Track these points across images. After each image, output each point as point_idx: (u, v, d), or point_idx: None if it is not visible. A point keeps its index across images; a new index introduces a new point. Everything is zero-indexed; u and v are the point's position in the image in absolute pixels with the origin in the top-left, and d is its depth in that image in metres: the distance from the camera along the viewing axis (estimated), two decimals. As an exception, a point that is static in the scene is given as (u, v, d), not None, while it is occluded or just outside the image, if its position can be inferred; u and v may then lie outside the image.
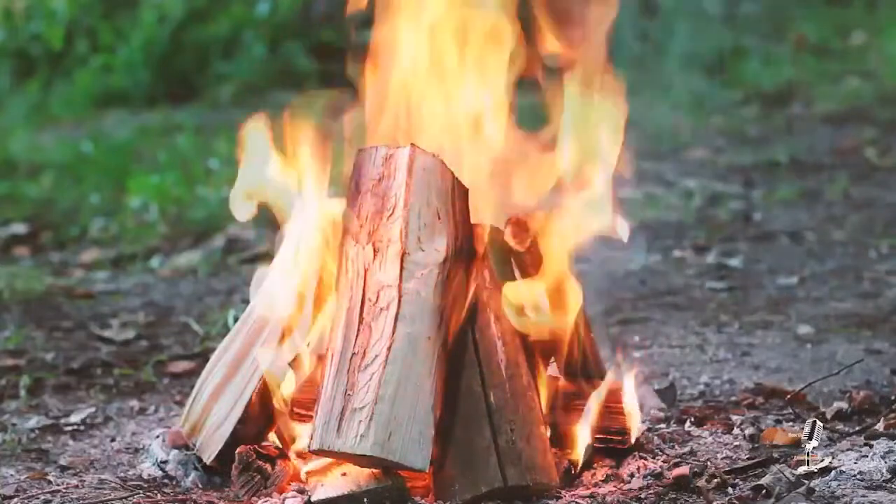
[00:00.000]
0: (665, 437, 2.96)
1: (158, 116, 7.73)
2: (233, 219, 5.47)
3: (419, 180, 2.68)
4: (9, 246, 5.37)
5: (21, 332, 4.12)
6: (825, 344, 3.79)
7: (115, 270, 4.99)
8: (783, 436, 2.94)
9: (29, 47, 8.54)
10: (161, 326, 4.22)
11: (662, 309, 4.18)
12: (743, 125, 6.99)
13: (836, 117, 7.07)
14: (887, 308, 4.12)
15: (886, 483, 2.64)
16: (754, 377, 3.50)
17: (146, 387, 3.64)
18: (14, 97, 8.20)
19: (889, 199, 5.56)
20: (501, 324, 2.73)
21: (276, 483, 2.72)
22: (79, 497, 2.79)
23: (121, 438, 3.24)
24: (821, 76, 7.92)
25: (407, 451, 2.57)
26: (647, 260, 4.73)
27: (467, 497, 2.64)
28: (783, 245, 4.98)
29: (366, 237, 2.68)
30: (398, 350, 2.60)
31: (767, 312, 4.11)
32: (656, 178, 5.87)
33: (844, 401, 3.22)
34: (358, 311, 2.64)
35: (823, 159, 6.26)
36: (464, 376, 2.68)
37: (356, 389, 2.58)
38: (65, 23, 8.50)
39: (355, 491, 2.62)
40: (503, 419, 2.67)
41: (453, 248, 2.67)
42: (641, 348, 3.78)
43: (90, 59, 8.38)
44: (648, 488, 2.70)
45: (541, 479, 2.67)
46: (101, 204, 5.85)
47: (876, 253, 4.80)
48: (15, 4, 8.63)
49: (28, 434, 3.27)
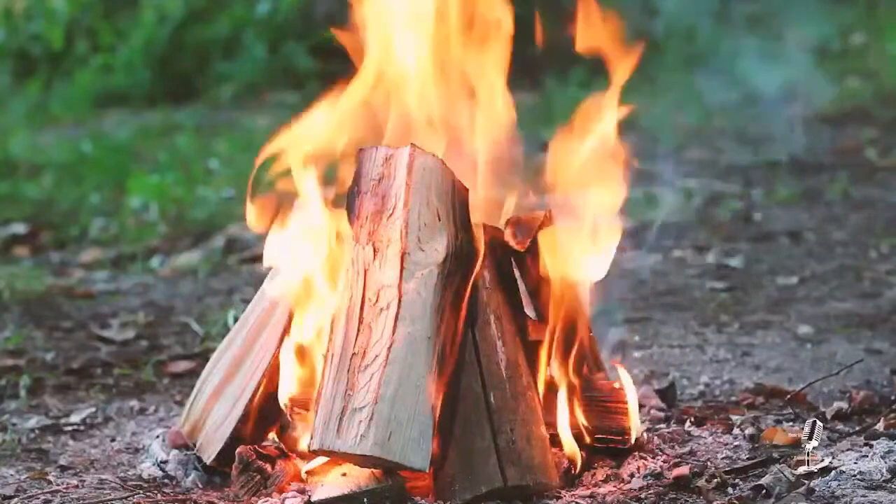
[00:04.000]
0: (665, 437, 2.96)
1: (158, 116, 7.74)
2: (233, 218, 5.49)
3: (419, 180, 2.68)
4: (9, 246, 5.37)
5: (21, 332, 4.12)
6: (825, 344, 3.79)
7: (115, 270, 4.99)
8: (783, 436, 2.94)
9: (29, 47, 8.55)
10: (161, 326, 4.22)
11: (662, 309, 4.18)
12: (743, 125, 6.99)
13: (836, 117, 7.07)
14: (887, 308, 4.12)
15: (886, 483, 2.64)
16: (754, 377, 3.50)
17: (146, 387, 3.64)
18: (14, 97, 8.20)
19: (889, 199, 5.57)
20: (501, 324, 2.73)
21: (276, 483, 2.72)
22: (79, 497, 2.79)
23: (121, 438, 3.24)
24: (821, 76, 7.91)
25: (407, 451, 2.57)
26: (649, 257, 4.74)
27: (467, 497, 2.64)
28: (783, 245, 4.98)
29: (366, 237, 2.68)
30: (398, 350, 2.60)
31: (767, 312, 4.11)
32: (656, 178, 5.87)
33: (844, 401, 3.22)
34: (358, 311, 2.64)
35: (823, 159, 6.26)
36: (464, 376, 2.68)
37: (356, 389, 2.58)
38: (65, 23, 8.51)
39: (355, 491, 2.62)
40: (503, 419, 2.67)
41: (453, 248, 2.67)
42: (641, 348, 3.78)
43: (90, 59, 8.39)
44: (648, 488, 2.70)
45: (541, 479, 2.67)
46: (101, 204, 5.85)
47: (876, 253, 4.80)
48: (15, 4, 8.63)
49: (28, 434, 3.27)
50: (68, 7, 8.55)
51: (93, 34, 8.49)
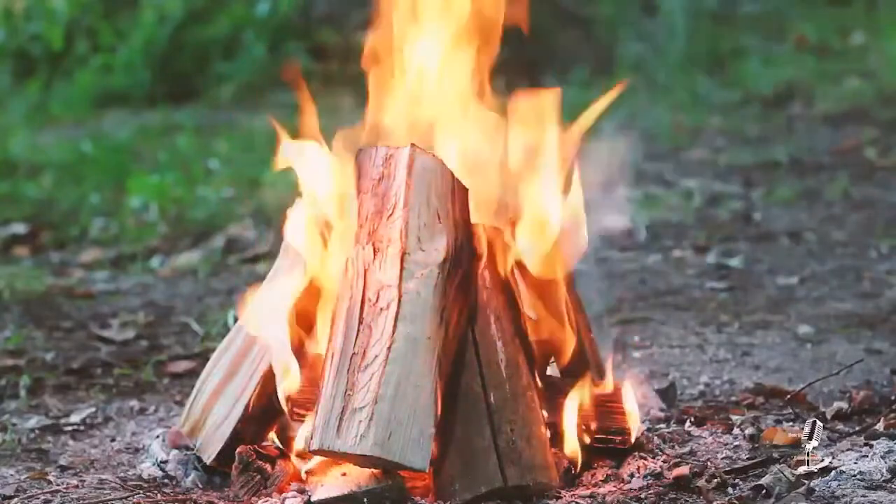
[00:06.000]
0: (665, 437, 2.96)
1: (158, 116, 7.73)
2: (233, 218, 5.49)
3: (419, 180, 2.68)
4: (9, 246, 5.37)
5: (21, 332, 4.12)
6: (825, 344, 3.79)
7: (115, 270, 4.99)
8: (783, 436, 2.94)
9: (29, 47, 8.54)
10: (161, 326, 4.22)
11: (662, 309, 4.18)
12: (743, 125, 6.99)
13: (836, 117, 7.07)
14: (887, 308, 4.12)
15: (886, 483, 2.64)
16: (754, 377, 3.50)
17: (146, 387, 3.64)
18: (14, 97, 8.19)
19: (889, 199, 5.56)
20: (501, 324, 2.73)
21: (276, 483, 2.72)
22: (79, 497, 2.79)
23: (121, 438, 3.24)
24: (821, 76, 7.91)
25: (407, 451, 2.57)
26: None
27: (467, 497, 2.64)
28: (783, 245, 4.98)
29: (366, 237, 2.68)
30: (398, 350, 2.60)
31: (767, 312, 4.11)
32: (656, 178, 5.87)
33: (844, 401, 3.22)
34: (358, 311, 2.64)
35: (823, 159, 6.26)
36: (464, 376, 2.68)
37: (356, 389, 2.58)
38: (65, 23, 8.50)
39: (355, 491, 2.62)
40: (503, 419, 2.67)
41: (453, 248, 2.67)
42: (641, 348, 3.78)
43: (90, 59, 8.38)
44: (648, 488, 2.70)
45: (541, 479, 2.67)
46: (101, 204, 5.85)
47: (876, 253, 4.80)
48: (15, 4, 8.63)
49: (28, 434, 3.27)
50: (68, 7, 8.54)
51: (93, 34, 8.49)
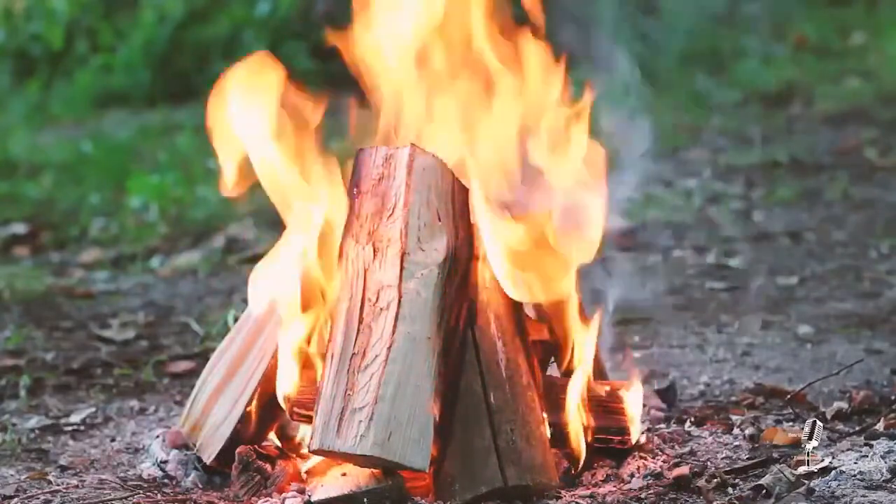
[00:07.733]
0: (665, 437, 2.96)
1: (158, 116, 7.73)
2: (233, 218, 5.48)
3: (419, 180, 2.68)
4: (9, 246, 5.37)
5: (21, 332, 4.12)
6: (825, 344, 3.79)
7: (115, 270, 5.00)
8: (783, 436, 2.94)
9: (29, 47, 8.54)
10: (161, 326, 4.22)
11: (662, 309, 4.18)
12: (743, 125, 6.98)
13: (836, 117, 7.06)
14: (887, 308, 4.12)
15: (886, 483, 2.64)
16: (754, 377, 3.50)
17: (146, 387, 3.64)
18: (14, 97, 8.20)
19: (889, 199, 5.56)
20: (501, 324, 2.73)
21: (276, 483, 2.72)
22: (79, 497, 2.79)
23: (121, 438, 3.24)
24: (821, 76, 7.91)
25: (407, 451, 2.57)
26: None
27: (467, 497, 2.64)
28: (783, 245, 4.97)
29: (366, 237, 2.68)
30: (398, 350, 2.60)
31: (767, 312, 4.11)
32: (656, 178, 5.87)
33: (844, 401, 3.22)
34: (358, 311, 2.64)
35: (823, 159, 6.26)
36: (464, 376, 2.68)
37: (356, 389, 2.58)
38: (65, 23, 8.50)
39: (355, 491, 2.62)
40: (503, 419, 2.67)
41: (453, 248, 2.67)
42: (641, 348, 3.78)
43: (90, 59, 8.38)
44: (648, 488, 2.70)
45: (541, 479, 2.67)
46: (101, 204, 5.85)
47: (876, 253, 4.80)
48: (15, 4, 8.63)
49: (28, 434, 3.27)
50: (68, 7, 8.54)
51: (93, 34, 8.49)
